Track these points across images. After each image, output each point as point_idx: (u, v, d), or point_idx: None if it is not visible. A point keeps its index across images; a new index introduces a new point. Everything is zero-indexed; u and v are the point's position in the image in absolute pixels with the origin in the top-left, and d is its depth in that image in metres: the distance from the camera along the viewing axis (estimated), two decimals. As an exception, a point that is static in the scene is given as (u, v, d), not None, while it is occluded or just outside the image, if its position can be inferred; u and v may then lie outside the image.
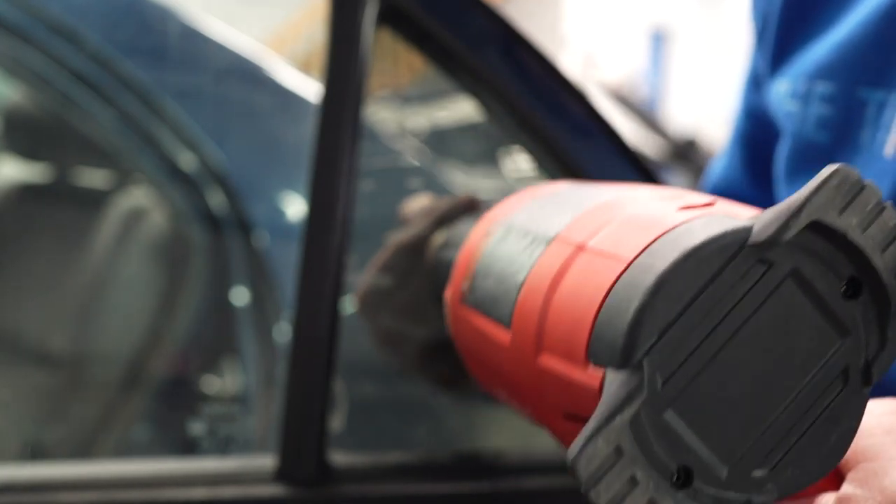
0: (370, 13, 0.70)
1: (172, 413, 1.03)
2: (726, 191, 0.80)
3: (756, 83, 0.74)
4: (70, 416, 1.07)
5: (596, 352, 0.38)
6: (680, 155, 4.79)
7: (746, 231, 0.37)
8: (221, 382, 0.98)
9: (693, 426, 0.37)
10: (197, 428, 0.96)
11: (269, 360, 0.94)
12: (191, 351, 1.05)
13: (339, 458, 0.70)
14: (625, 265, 0.39)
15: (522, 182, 1.09)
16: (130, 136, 1.01)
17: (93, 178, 1.22)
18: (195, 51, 1.02)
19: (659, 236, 0.39)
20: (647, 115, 5.15)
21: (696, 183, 4.56)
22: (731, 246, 0.37)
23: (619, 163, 0.76)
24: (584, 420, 0.38)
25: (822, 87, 0.63)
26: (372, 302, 0.68)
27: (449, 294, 0.55)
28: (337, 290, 0.68)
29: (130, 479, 0.66)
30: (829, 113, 0.63)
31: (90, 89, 0.99)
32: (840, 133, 0.62)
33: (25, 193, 1.23)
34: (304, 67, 1.17)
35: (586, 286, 0.40)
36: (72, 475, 0.67)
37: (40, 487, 0.65)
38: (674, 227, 0.39)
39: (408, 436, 0.94)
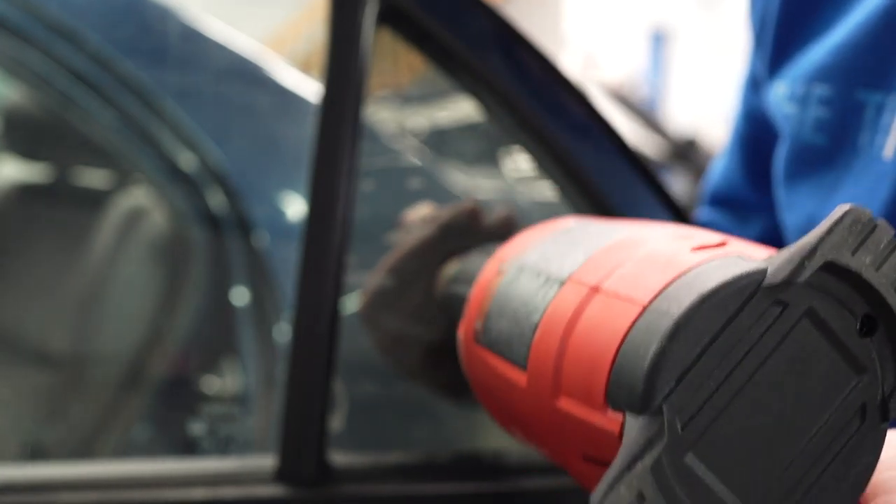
0: (370, 13, 0.70)
1: (172, 413, 1.03)
2: (726, 192, 0.80)
3: (754, 85, 0.74)
4: (70, 416, 1.07)
5: (615, 396, 0.38)
6: (680, 155, 4.79)
7: (761, 273, 0.37)
8: (221, 382, 0.98)
9: (714, 469, 0.37)
10: (197, 428, 0.96)
11: (269, 360, 0.94)
12: (191, 351, 1.05)
13: (339, 458, 0.69)
14: (640, 309, 0.39)
15: (522, 182, 1.09)
16: (130, 135, 1.00)
17: (93, 178, 1.22)
18: (195, 51, 1.02)
19: (674, 279, 0.39)
20: (647, 115, 5.15)
21: (696, 183, 4.56)
22: (746, 288, 0.37)
23: (620, 163, 0.76)
24: (604, 463, 0.38)
25: (821, 90, 0.63)
26: (376, 306, 0.68)
27: (462, 332, 0.55)
28: (337, 290, 0.68)
29: (130, 480, 0.66)
30: (827, 115, 0.63)
31: (90, 89, 0.99)
32: (838, 135, 0.62)
33: (25, 193, 1.23)
34: (304, 67, 1.17)
35: (603, 330, 0.40)
36: (72, 475, 0.67)
37: (40, 488, 0.64)
38: (688, 270, 0.39)
39: (408, 436, 0.94)
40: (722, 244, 0.42)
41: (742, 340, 0.37)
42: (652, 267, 0.41)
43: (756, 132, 0.75)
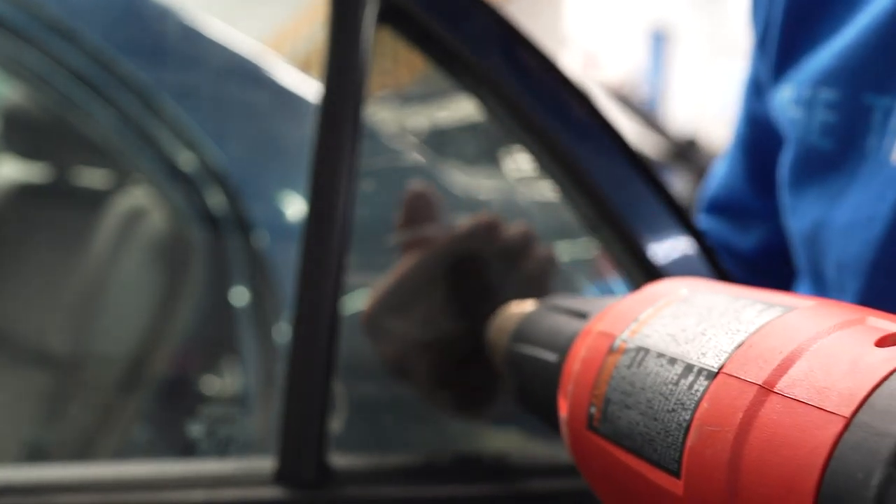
0: (370, 12, 0.69)
1: (171, 414, 1.03)
2: (726, 199, 0.80)
3: (757, 90, 0.74)
4: (69, 417, 1.07)
5: None
6: (680, 155, 4.80)
7: None
8: (221, 383, 0.98)
9: None
10: (196, 429, 0.95)
11: (269, 360, 0.94)
12: (190, 351, 1.05)
13: (339, 459, 0.69)
14: (844, 422, 0.35)
15: (523, 182, 1.09)
16: (130, 135, 1.00)
17: (92, 177, 1.22)
18: (195, 50, 1.02)
19: (874, 388, 0.35)
20: (647, 115, 5.16)
21: (696, 183, 4.56)
22: None
23: (621, 163, 0.76)
24: None
25: (827, 94, 0.62)
26: (382, 315, 0.67)
27: (567, 413, 0.50)
28: (337, 291, 0.68)
29: (129, 481, 0.66)
30: (833, 119, 0.62)
31: (89, 89, 0.99)
32: (845, 140, 0.61)
33: (24, 193, 1.22)
34: (304, 67, 1.17)
35: (794, 443, 0.36)
36: (71, 477, 0.66)
37: (39, 489, 0.64)
38: (888, 377, 0.35)
39: (409, 438, 0.94)
40: None
41: None
42: (835, 368, 0.37)
43: (758, 137, 0.74)
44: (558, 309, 0.58)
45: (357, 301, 0.74)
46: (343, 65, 0.69)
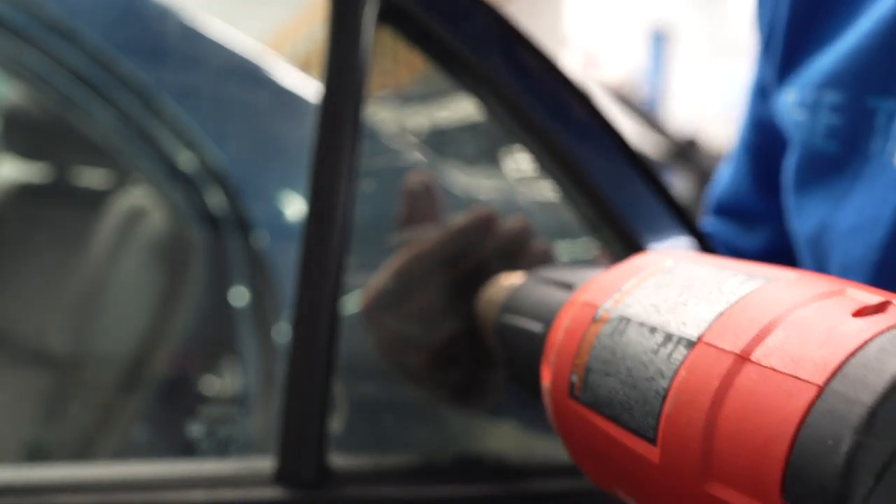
0: (370, 12, 0.69)
1: (171, 414, 1.03)
2: (732, 201, 0.80)
3: (762, 92, 0.73)
4: (68, 417, 1.07)
5: (796, 495, 0.34)
6: (680, 155, 4.80)
7: None
8: (220, 383, 0.98)
9: None
10: (196, 429, 0.95)
11: (269, 360, 0.94)
12: (190, 351, 1.05)
13: (339, 460, 0.69)
14: (816, 390, 0.35)
15: (523, 182, 1.09)
16: (130, 135, 1.00)
17: (92, 177, 1.22)
18: (195, 50, 1.02)
19: (848, 357, 0.35)
20: (647, 115, 5.16)
21: (696, 183, 4.56)
22: None
23: (622, 163, 0.76)
24: None
25: (831, 97, 0.62)
26: (379, 306, 0.67)
27: (549, 381, 0.51)
28: (337, 291, 0.68)
29: (129, 482, 0.66)
30: (838, 122, 0.62)
31: (89, 89, 0.99)
32: (849, 143, 0.61)
33: (24, 193, 1.22)
34: (304, 67, 1.17)
35: (767, 411, 0.36)
36: (71, 477, 0.66)
37: (39, 489, 0.64)
38: (863, 345, 0.35)
39: (409, 438, 0.94)
40: (882, 306, 0.37)
41: None
42: (811, 337, 0.37)
43: (763, 140, 0.74)
44: (546, 280, 0.59)
45: (357, 301, 0.74)
46: (343, 65, 0.69)
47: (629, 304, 0.47)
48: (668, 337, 0.43)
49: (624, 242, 0.74)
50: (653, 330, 0.44)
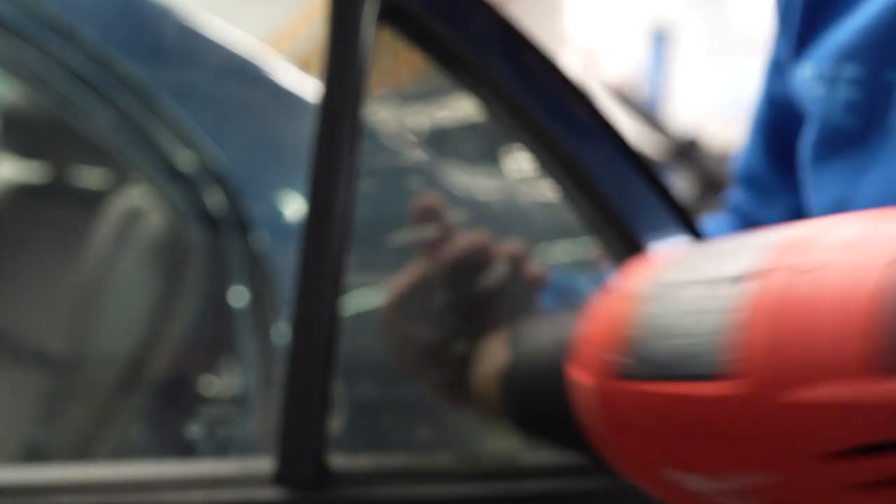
0: (370, 11, 0.69)
1: (170, 415, 1.03)
2: (749, 173, 0.80)
3: (778, 69, 0.73)
4: (67, 418, 1.07)
5: (890, 361, 0.36)
6: (681, 154, 4.80)
7: None
8: (220, 384, 0.98)
9: None
10: (195, 430, 0.95)
11: (268, 361, 0.93)
12: (189, 352, 1.05)
13: (339, 461, 0.69)
14: (883, 267, 0.37)
15: (523, 182, 1.08)
16: (128, 135, 1.00)
17: (90, 177, 1.22)
18: (194, 49, 1.02)
19: None
20: (648, 114, 5.16)
21: (697, 182, 4.57)
22: None
23: (622, 163, 0.76)
24: (879, 447, 0.36)
25: (850, 71, 0.62)
26: (396, 320, 0.70)
27: (587, 378, 0.50)
28: (337, 291, 0.68)
29: (128, 482, 0.66)
30: (856, 96, 0.62)
31: (88, 88, 0.99)
32: (868, 117, 0.61)
33: (22, 193, 1.22)
34: (304, 66, 1.16)
35: (834, 302, 0.38)
36: (69, 477, 0.66)
37: (38, 490, 0.64)
38: None
39: (409, 438, 0.94)
40: None
41: None
42: (864, 246, 0.39)
43: (779, 117, 0.74)
44: (537, 352, 0.61)
45: (357, 301, 0.74)
46: (343, 64, 0.68)
47: (664, 276, 0.48)
48: (713, 283, 0.44)
49: (624, 242, 0.74)
50: (694, 285, 0.45)
